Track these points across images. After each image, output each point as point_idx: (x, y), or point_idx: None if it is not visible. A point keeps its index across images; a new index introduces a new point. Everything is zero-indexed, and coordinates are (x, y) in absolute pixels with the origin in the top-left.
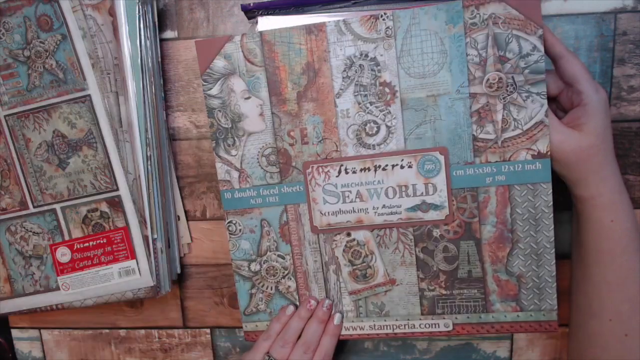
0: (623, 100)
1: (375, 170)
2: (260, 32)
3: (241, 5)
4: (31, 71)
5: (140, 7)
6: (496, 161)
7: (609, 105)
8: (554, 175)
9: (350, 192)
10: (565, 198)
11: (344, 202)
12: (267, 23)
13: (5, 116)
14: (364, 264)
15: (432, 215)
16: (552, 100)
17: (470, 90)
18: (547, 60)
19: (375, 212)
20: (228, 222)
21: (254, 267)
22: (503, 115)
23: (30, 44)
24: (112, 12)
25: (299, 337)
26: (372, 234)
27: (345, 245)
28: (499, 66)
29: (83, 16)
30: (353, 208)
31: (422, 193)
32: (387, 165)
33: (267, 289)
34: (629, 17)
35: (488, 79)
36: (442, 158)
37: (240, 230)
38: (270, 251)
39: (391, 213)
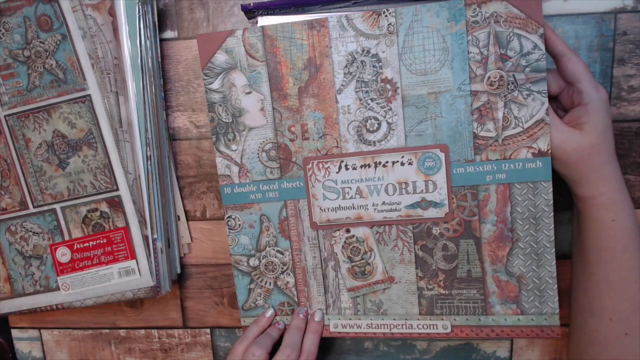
0: (623, 100)
1: (376, 167)
2: (262, 27)
3: (241, 5)
4: (31, 71)
5: (140, 7)
6: (497, 159)
7: (609, 105)
8: (554, 175)
9: (350, 188)
10: (565, 198)
11: (344, 199)
12: (267, 23)
13: (5, 116)
14: (363, 261)
15: (431, 212)
16: (552, 99)
17: (472, 87)
18: (548, 59)
19: (375, 209)
20: (227, 217)
21: (253, 262)
22: (504, 113)
23: (30, 44)
24: (112, 12)
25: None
26: (372, 230)
27: (345, 242)
28: (500, 64)
29: (83, 16)
30: (353, 204)
31: (422, 190)
32: (387, 162)
33: (265, 284)
34: (629, 17)
35: (489, 77)
36: (442, 155)
37: (239, 225)
38: (270, 246)
39: (391, 210)
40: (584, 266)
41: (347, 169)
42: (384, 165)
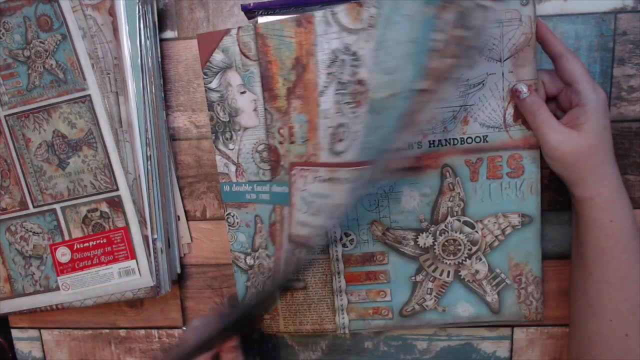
0: (623, 100)
1: (331, 182)
2: (254, 25)
3: (241, 5)
4: (31, 71)
5: (140, 7)
6: None
7: (609, 105)
8: (554, 175)
9: (314, 203)
10: (565, 198)
11: (311, 214)
12: None
13: (5, 116)
14: None
15: None
16: (551, 100)
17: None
18: (547, 59)
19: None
20: (227, 214)
21: (249, 260)
22: None
23: (30, 44)
24: (112, 12)
25: None
26: None
27: None
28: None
29: (83, 16)
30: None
31: None
32: (338, 178)
33: (259, 285)
34: (629, 17)
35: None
36: None
37: (237, 222)
38: (262, 248)
39: None
40: (583, 267)
41: (318, 180)
42: (337, 181)
